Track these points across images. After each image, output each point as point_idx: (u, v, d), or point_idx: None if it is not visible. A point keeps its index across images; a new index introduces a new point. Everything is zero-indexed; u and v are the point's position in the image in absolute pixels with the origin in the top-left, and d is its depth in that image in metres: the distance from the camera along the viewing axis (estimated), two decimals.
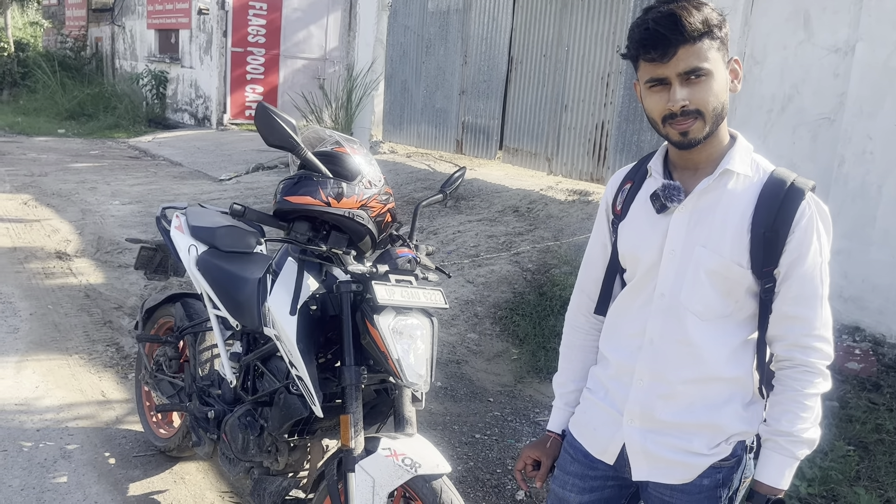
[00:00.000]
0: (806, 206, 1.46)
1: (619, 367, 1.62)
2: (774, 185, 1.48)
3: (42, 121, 15.51)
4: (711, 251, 1.48)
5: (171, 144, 12.84)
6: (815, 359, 1.49)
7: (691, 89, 1.42)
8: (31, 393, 3.78)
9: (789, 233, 1.45)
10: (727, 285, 1.49)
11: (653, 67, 1.44)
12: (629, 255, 1.60)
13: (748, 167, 1.51)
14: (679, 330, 1.52)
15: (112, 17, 19.07)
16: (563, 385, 1.81)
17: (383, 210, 2.39)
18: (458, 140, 8.78)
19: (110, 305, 5.12)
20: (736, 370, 1.53)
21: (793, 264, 1.46)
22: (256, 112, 2.20)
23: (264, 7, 13.88)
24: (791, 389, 1.49)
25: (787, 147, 4.93)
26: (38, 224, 7.11)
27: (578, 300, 1.78)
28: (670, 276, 1.53)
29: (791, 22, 4.89)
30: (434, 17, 8.93)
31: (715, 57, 1.43)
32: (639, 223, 1.58)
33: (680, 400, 1.54)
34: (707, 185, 1.50)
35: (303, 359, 2.27)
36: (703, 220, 1.50)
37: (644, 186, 1.60)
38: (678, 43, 1.40)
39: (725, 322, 1.52)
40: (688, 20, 1.39)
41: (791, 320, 1.48)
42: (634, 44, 1.45)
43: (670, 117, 1.44)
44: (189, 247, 2.96)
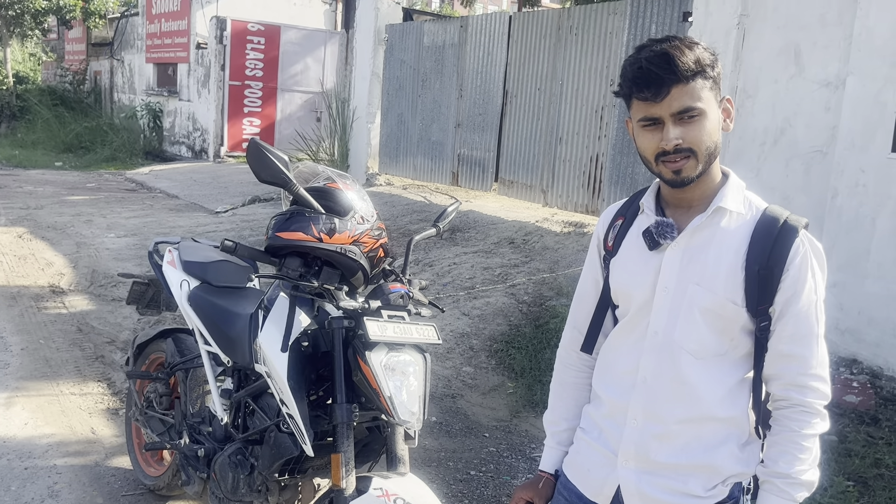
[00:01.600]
0: (800, 243, 1.46)
1: (612, 406, 1.59)
2: (768, 223, 1.47)
3: (39, 153, 15.56)
4: (705, 289, 1.47)
5: (168, 177, 12.88)
6: (812, 398, 1.47)
7: (684, 128, 1.42)
8: (19, 430, 3.73)
9: (784, 270, 1.44)
10: (722, 323, 1.48)
11: (646, 106, 1.44)
12: (621, 291, 1.59)
13: (741, 205, 1.51)
14: (673, 368, 1.50)
15: (111, 52, 19.25)
16: (554, 423, 1.77)
17: (376, 245, 2.38)
18: (453, 172, 8.82)
19: (103, 340, 5.08)
20: (731, 410, 1.51)
21: (788, 302, 1.45)
22: (248, 148, 2.20)
23: (262, 41, 14.02)
24: (788, 430, 1.47)
25: (781, 179, 4.95)
26: (32, 257, 7.08)
27: (570, 336, 1.76)
28: (664, 313, 1.51)
29: (782, 56, 4.95)
30: (430, 52, 9.02)
31: (708, 96, 1.43)
32: (631, 260, 1.57)
33: (675, 440, 1.51)
34: (700, 223, 1.49)
35: (293, 396, 2.24)
36: (696, 257, 1.49)
37: (636, 223, 1.59)
38: (671, 82, 1.40)
39: (720, 361, 1.50)
40: (681, 60, 1.39)
41: (787, 359, 1.47)
42: (627, 82, 1.46)
43: (663, 155, 1.44)
44: (181, 282, 2.94)
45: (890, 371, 4.31)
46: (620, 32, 6.56)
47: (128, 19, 18.47)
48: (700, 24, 5.43)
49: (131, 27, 18.13)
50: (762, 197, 4.45)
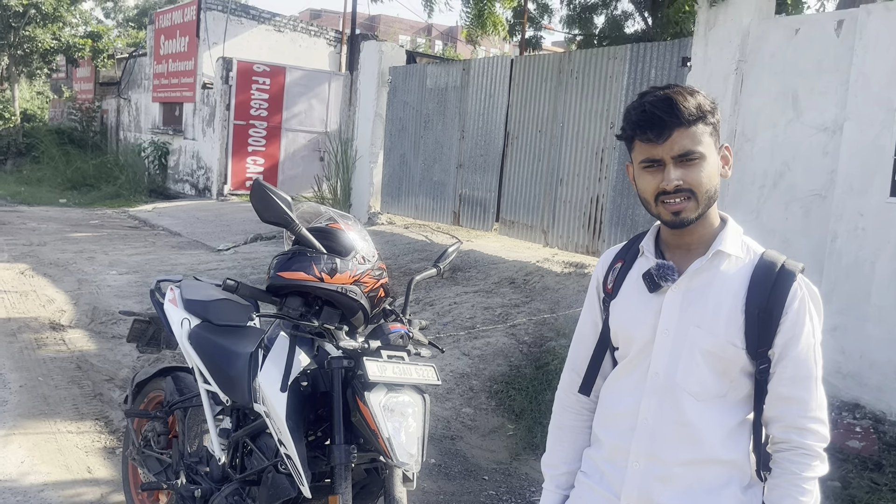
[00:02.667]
0: (797, 287, 1.49)
1: (613, 449, 1.60)
2: (766, 267, 1.51)
3: (44, 190, 15.68)
4: (706, 331, 1.50)
5: (171, 214, 12.95)
6: (811, 441, 1.48)
7: (685, 170, 1.47)
8: (15, 469, 3.69)
9: (783, 314, 1.48)
10: (722, 365, 1.50)
11: (648, 148, 1.49)
12: (622, 333, 1.61)
13: (739, 249, 1.54)
14: (675, 410, 1.52)
15: (118, 91, 19.53)
16: (553, 467, 1.77)
17: (376, 285, 2.40)
18: (455, 212, 8.87)
19: (101, 377, 5.06)
20: (733, 452, 1.52)
21: (787, 345, 1.48)
22: (252, 189, 2.22)
23: (267, 82, 14.22)
24: (789, 472, 1.48)
25: (781, 222, 4.98)
26: (33, 294, 7.09)
27: (569, 379, 1.76)
28: (664, 355, 1.53)
29: (780, 101, 5.01)
30: (432, 94, 9.15)
31: (708, 142, 1.48)
32: (631, 302, 1.59)
33: (678, 483, 1.52)
34: (700, 266, 1.52)
35: (292, 437, 2.23)
36: (696, 300, 1.52)
37: (636, 266, 1.62)
38: (674, 126, 1.45)
39: (721, 403, 1.52)
40: (683, 105, 1.45)
41: (787, 401, 1.49)
42: (631, 125, 1.51)
43: (663, 195, 1.48)
44: (182, 320, 2.95)
45: (893, 416, 4.28)
46: (620, 76, 6.66)
47: (136, 59, 18.78)
48: (699, 69, 5.52)
49: (139, 67, 18.42)
50: (762, 240, 4.48)
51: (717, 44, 5.39)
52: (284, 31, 16.13)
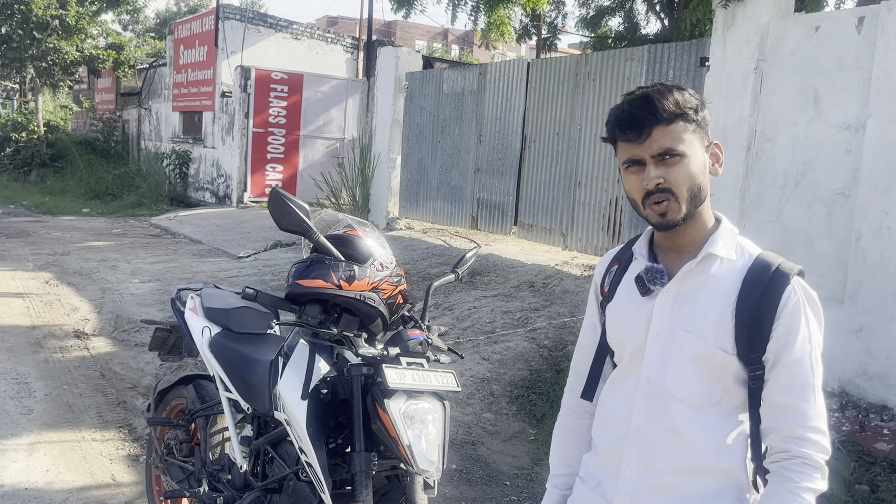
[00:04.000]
0: (791, 290, 1.44)
1: (606, 456, 1.58)
2: (759, 270, 1.46)
3: (68, 200, 15.90)
4: (695, 336, 1.46)
5: (192, 222, 13.06)
6: (811, 451, 1.42)
7: (665, 169, 1.43)
8: (41, 477, 3.74)
9: (775, 318, 1.42)
10: (713, 371, 1.46)
11: (629, 148, 1.46)
12: (616, 338, 1.60)
13: (732, 251, 1.49)
14: (666, 417, 1.49)
15: (139, 101, 19.76)
16: (554, 468, 1.77)
17: (395, 292, 2.40)
18: (473, 216, 8.86)
19: (125, 385, 5.11)
20: (726, 462, 1.47)
21: (780, 351, 1.43)
22: (270, 197, 2.23)
23: (285, 89, 14.31)
24: (788, 481, 1.41)
25: (804, 222, 4.92)
26: (58, 303, 7.18)
27: (572, 382, 1.75)
28: (655, 360, 1.50)
29: (800, 100, 4.95)
30: (449, 98, 9.15)
31: (690, 139, 1.44)
32: (625, 306, 1.58)
33: (671, 492, 1.48)
34: (690, 269, 1.49)
35: (312, 444, 2.24)
36: (686, 304, 1.48)
37: (630, 268, 1.60)
38: (652, 123, 1.42)
39: (714, 410, 1.48)
40: (661, 102, 1.42)
41: (783, 410, 1.43)
42: (612, 125, 1.49)
43: (647, 196, 1.46)
44: (203, 328, 2.96)
45: None
46: (638, 78, 6.62)
47: (156, 69, 18.99)
48: (717, 68, 5.47)
49: (159, 77, 18.63)
50: (784, 240, 4.42)
51: (736, 43, 5.33)
52: (301, 38, 16.23)
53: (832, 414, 4.35)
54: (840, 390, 4.57)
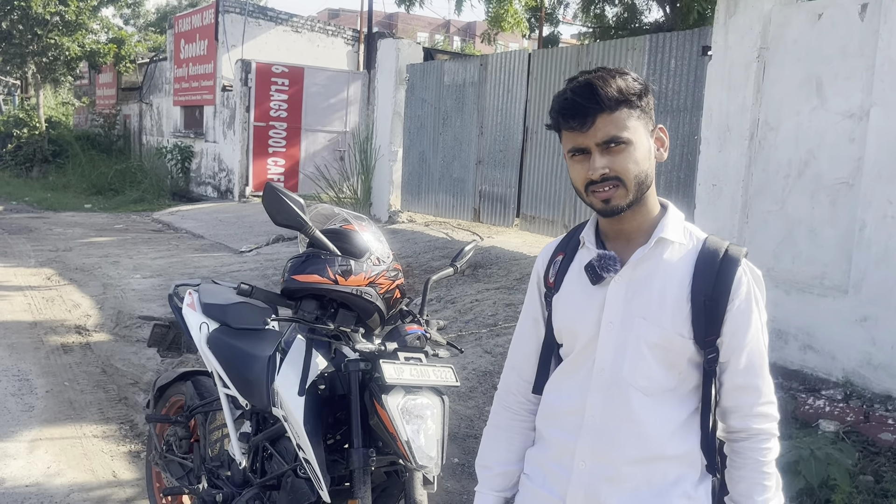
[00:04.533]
0: (742, 273, 1.46)
1: (559, 448, 1.55)
2: (710, 254, 1.47)
3: (70, 196, 15.90)
4: (652, 323, 1.45)
5: (194, 217, 13.05)
6: (768, 424, 1.47)
7: (611, 157, 1.41)
8: (42, 474, 3.73)
9: (729, 301, 1.44)
10: (670, 357, 1.46)
11: (574, 136, 1.44)
12: (565, 329, 1.55)
13: (682, 235, 1.49)
14: (622, 406, 1.47)
15: (140, 96, 19.73)
16: (487, 468, 1.70)
17: (392, 286, 2.37)
18: (475, 209, 8.83)
19: (126, 381, 5.10)
20: (682, 446, 1.48)
21: (736, 333, 1.45)
22: (264, 192, 2.21)
23: (286, 83, 14.26)
24: (753, 460, 1.46)
25: (807, 212, 4.87)
26: (59, 299, 7.18)
27: (508, 379, 1.71)
28: (609, 349, 1.48)
29: (803, 89, 4.90)
30: (450, 90, 9.11)
31: (635, 125, 1.43)
32: (574, 296, 1.54)
33: (625, 484, 1.47)
34: (643, 255, 1.47)
35: (310, 441, 2.22)
36: (640, 290, 1.47)
37: (577, 258, 1.56)
38: (595, 112, 1.40)
39: (670, 396, 1.47)
40: (604, 89, 1.40)
41: (743, 391, 1.47)
42: (555, 114, 1.46)
43: (592, 185, 1.44)
44: (200, 324, 2.95)
45: None
46: (640, 68, 6.57)
47: (156, 64, 18.96)
48: (719, 57, 5.42)
49: (159, 71, 18.59)
50: (788, 230, 4.37)
51: (738, 31, 5.28)
52: (302, 31, 16.17)
53: (836, 405, 4.32)
54: (844, 380, 4.54)
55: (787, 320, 4.88)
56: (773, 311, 4.92)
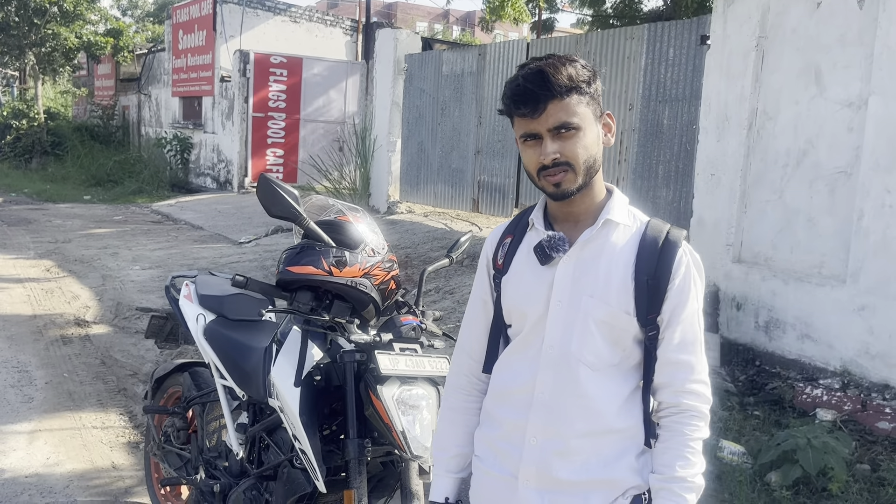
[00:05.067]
0: (682, 254, 1.52)
1: (509, 427, 1.59)
2: (652, 235, 1.53)
3: (69, 188, 15.88)
4: (599, 300, 1.51)
5: (193, 208, 13.04)
6: (698, 402, 1.52)
7: (562, 143, 1.46)
8: (41, 465, 3.74)
9: (669, 280, 1.51)
10: (615, 334, 1.51)
11: (525, 122, 1.49)
12: (515, 309, 1.60)
13: (627, 217, 1.56)
14: (571, 382, 1.52)
15: (139, 86, 19.68)
16: (444, 450, 1.74)
17: (387, 277, 2.37)
18: (474, 199, 8.82)
19: (125, 372, 5.11)
20: (627, 421, 1.53)
21: (674, 311, 1.51)
22: (259, 183, 2.21)
23: (284, 73, 14.22)
24: (680, 434, 1.50)
25: (805, 201, 4.87)
26: (59, 290, 7.19)
27: (459, 360, 1.75)
28: (559, 327, 1.53)
29: (802, 77, 4.89)
30: (448, 80, 9.08)
31: (584, 112, 1.48)
32: (523, 276, 1.58)
33: (575, 457, 1.52)
34: (590, 236, 1.53)
35: (306, 432, 2.22)
36: (588, 270, 1.52)
37: (525, 239, 1.61)
38: (547, 98, 1.45)
39: (614, 371, 1.53)
40: (555, 77, 1.44)
41: (676, 366, 1.52)
42: (507, 100, 1.51)
43: (543, 169, 1.48)
44: (197, 316, 2.95)
45: None
46: (638, 57, 6.55)
47: (154, 55, 18.89)
48: (718, 46, 5.40)
49: (158, 62, 18.53)
50: (786, 220, 4.38)
51: (737, 20, 5.26)
52: (300, 21, 16.11)
53: (834, 394, 4.33)
54: (842, 369, 4.54)
55: (784, 310, 4.89)
56: (770, 301, 4.94)
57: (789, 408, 4.43)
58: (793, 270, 4.91)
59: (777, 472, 3.60)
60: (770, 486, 3.56)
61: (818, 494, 3.48)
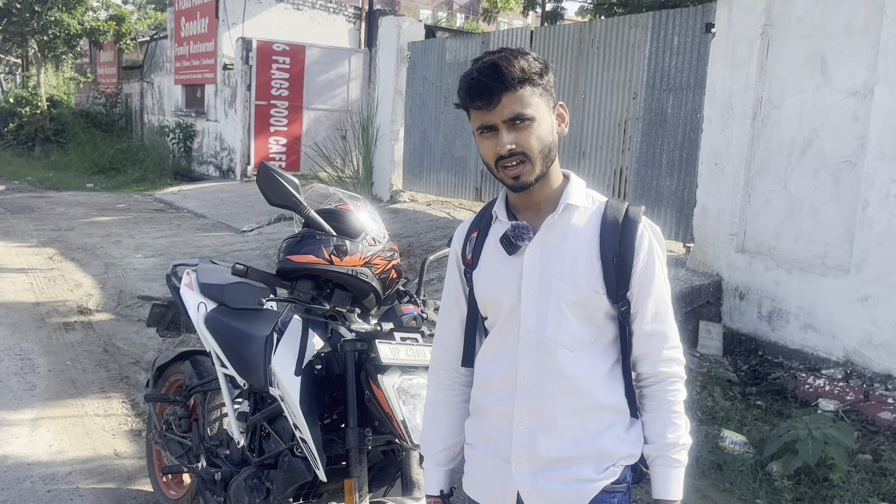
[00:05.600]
0: (643, 229, 1.58)
1: (497, 415, 1.63)
2: (612, 214, 1.58)
3: (72, 175, 15.87)
4: (568, 283, 1.55)
5: (196, 196, 13.03)
6: (676, 368, 1.60)
7: (517, 134, 1.50)
8: (44, 452, 3.76)
9: (634, 256, 1.55)
10: (588, 313, 1.56)
11: (481, 115, 1.52)
12: (488, 300, 1.63)
13: (585, 199, 1.61)
14: (551, 364, 1.56)
15: (141, 74, 19.62)
16: (431, 444, 1.78)
17: (388, 267, 2.36)
18: (477, 188, 8.79)
19: (128, 360, 5.12)
20: (611, 395, 1.58)
21: (642, 285, 1.56)
22: (258, 172, 2.19)
23: (287, 61, 14.17)
24: (665, 402, 1.58)
25: (809, 191, 4.85)
26: (61, 278, 7.19)
27: (438, 356, 1.78)
28: (532, 313, 1.57)
29: (808, 66, 4.85)
30: (452, 68, 9.03)
31: (537, 103, 1.52)
32: (492, 268, 1.62)
33: (564, 434, 1.57)
34: (553, 221, 1.57)
35: (306, 420, 2.22)
36: (554, 254, 1.56)
37: (491, 232, 1.65)
38: (501, 91, 1.48)
39: (592, 349, 1.58)
40: (508, 69, 1.48)
41: (651, 337, 1.58)
42: (463, 94, 1.54)
43: (501, 160, 1.52)
44: (198, 304, 2.95)
45: None
46: (642, 45, 6.50)
47: (157, 42, 18.83)
48: (723, 34, 5.36)
49: (160, 50, 18.47)
50: (790, 209, 4.37)
51: (742, 8, 5.22)
52: (303, 8, 16.03)
53: (836, 384, 4.32)
54: (845, 360, 4.53)
55: (787, 300, 4.87)
56: (774, 291, 4.93)
57: (791, 398, 4.42)
58: (796, 260, 4.89)
59: (778, 462, 3.60)
60: (771, 476, 3.56)
61: (819, 484, 3.48)
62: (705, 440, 3.84)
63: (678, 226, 6.08)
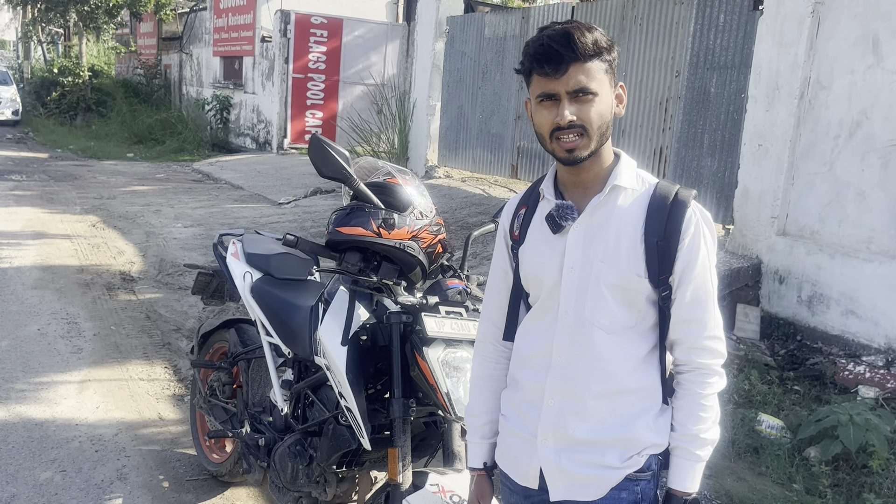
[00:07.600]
0: (692, 213, 1.54)
1: (530, 389, 1.64)
2: (661, 197, 1.55)
3: (112, 145, 16.13)
4: (610, 265, 1.53)
5: (233, 168, 13.17)
6: (710, 359, 1.56)
7: (579, 106, 1.48)
8: (91, 413, 3.87)
9: (679, 240, 1.52)
10: (628, 296, 1.54)
11: (545, 82, 1.49)
12: (532, 277, 1.64)
13: (634, 181, 1.58)
14: (586, 345, 1.56)
15: (180, 46, 19.79)
16: (475, 417, 1.80)
17: (434, 241, 2.38)
18: (513, 165, 8.77)
19: (169, 327, 5.24)
20: (643, 381, 1.57)
21: (685, 270, 1.53)
22: (310, 144, 2.22)
23: (325, 34, 14.18)
24: (691, 392, 1.56)
25: (856, 174, 4.75)
26: (104, 245, 7.35)
27: (485, 330, 1.79)
28: (572, 292, 1.56)
29: (859, 46, 4.74)
30: (490, 44, 8.97)
31: (602, 79, 1.49)
32: (537, 245, 1.62)
33: (592, 416, 1.57)
34: (599, 202, 1.55)
35: (352, 390, 2.26)
36: (598, 235, 1.55)
37: (538, 209, 1.65)
38: (570, 60, 1.46)
39: (630, 333, 1.56)
40: (580, 40, 1.46)
41: (687, 323, 1.55)
42: (529, 58, 1.51)
43: (557, 130, 1.49)
44: (244, 273, 3.00)
45: None
46: (687, 22, 6.39)
47: (196, 14, 18.95)
48: (771, 12, 5.25)
49: (199, 21, 18.59)
50: (835, 193, 4.31)
51: None
52: None
53: (877, 371, 4.26)
54: (886, 347, 4.47)
55: (829, 284, 4.81)
56: (815, 275, 4.86)
57: (830, 384, 4.38)
58: (840, 245, 4.82)
59: (816, 448, 3.58)
60: (808, 461, 3.55)
61: (858, 471, 3.45)
62: (741, 423, 3.83)
63: (718, 207, 6.00)
